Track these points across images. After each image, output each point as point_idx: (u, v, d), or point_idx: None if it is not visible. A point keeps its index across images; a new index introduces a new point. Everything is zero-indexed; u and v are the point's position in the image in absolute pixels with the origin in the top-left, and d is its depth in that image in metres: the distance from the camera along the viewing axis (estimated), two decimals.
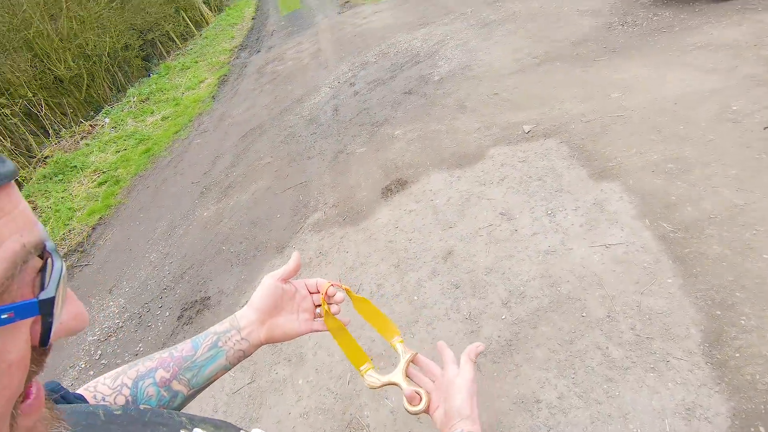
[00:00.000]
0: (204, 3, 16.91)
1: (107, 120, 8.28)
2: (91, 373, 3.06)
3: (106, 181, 5.95)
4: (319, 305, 0.74)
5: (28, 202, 5.74)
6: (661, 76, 3.36)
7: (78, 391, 0.60)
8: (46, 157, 7.27)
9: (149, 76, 10.96)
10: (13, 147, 7.57)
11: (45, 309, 0.30)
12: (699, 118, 2.83)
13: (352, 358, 0.73)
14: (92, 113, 9.29)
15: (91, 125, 8.31)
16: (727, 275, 1.98)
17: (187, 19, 14.94)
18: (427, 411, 0.68)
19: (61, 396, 0.53)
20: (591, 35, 4.42)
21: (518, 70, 4.31)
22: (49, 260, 0.31)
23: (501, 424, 1.82)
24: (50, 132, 8.11)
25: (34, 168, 7.06)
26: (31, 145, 7.76)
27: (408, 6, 8.20)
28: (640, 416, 1.66)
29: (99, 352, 3.21)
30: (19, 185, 6.04)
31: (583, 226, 2.49)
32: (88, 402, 0.57)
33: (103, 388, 0.60)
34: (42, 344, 0.31)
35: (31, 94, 8.11)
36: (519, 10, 5.81)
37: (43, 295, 0.30)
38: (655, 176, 2.58)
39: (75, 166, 6.56)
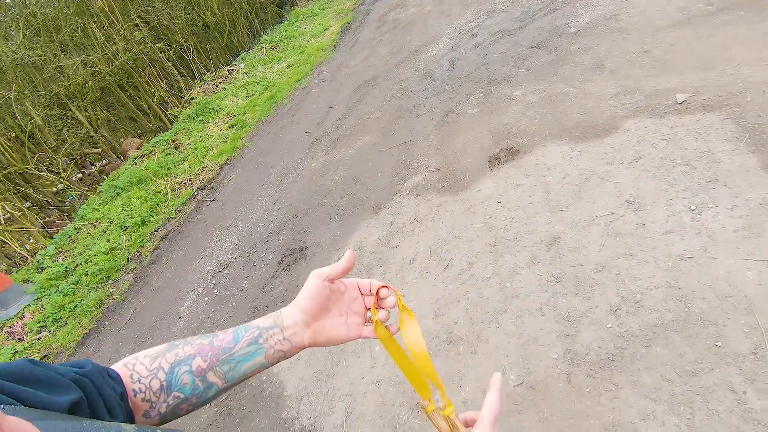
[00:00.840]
0: None
1: (242, 65, 8.97)
2: (206, 299, 3.49)
3: (235, 124, 6.51)
4: (370, 308, 0.67)
5: (175, 138, 6.59)
6: None
7: (118, 366, 0.60)
8: (192, 99, 8.21)
9: (281, 22, 11.49)
10: (168, 88, 8.67)
11: None
12: None
13: (414, 382, 0.60)
14: (231, 59, 10.13)
15: (228, 70, 9.09)
16: None
17: None
18: None
19: (82, 374, 0.51)
20: None
21: (683, 21, 3.47)
22: None
23: None
24: (196, 75, 9.07)
25: (182, 108, 8.02)
26: (181, 86, 8.81)
27: None
28: None
29: (213, 282, 3.64)
30: (171, 122, 6.93)
31: (739, 232, 1.97)
32: (122, 380, 0.57)
33: (141, 369, 0.59)
34: None
35: (183, 40, 9.08)
36: None
37: None
38: None
39: (212, 109, 7.29)
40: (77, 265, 4.80)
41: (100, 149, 8.17)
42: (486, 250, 2.57)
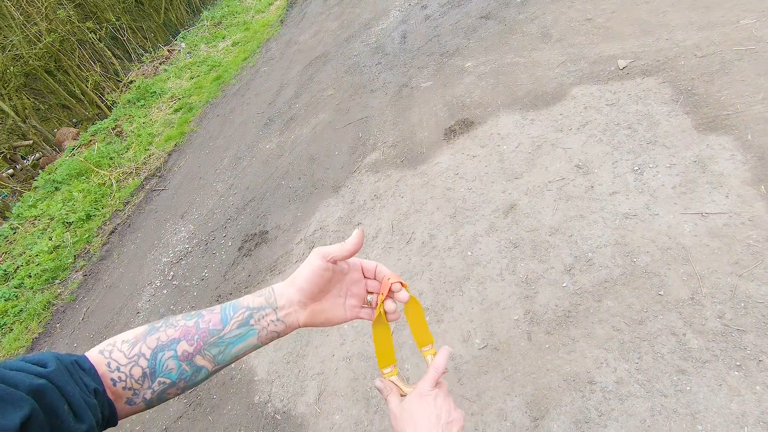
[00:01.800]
0: None
1: (183, 45, 8.45)
2: (165, 291, 3.37)
3: (181, 108, 6.18)
4: (372, 293, 0.66)
5: (116, 126, 6.18)
6: None
7: (93, 353, 0.56)
8: (130, 82, 7.68)
9: None
10: (102, 71, 8.05)
11: None
12: None
13: (381, 356, 0.68)
14: (170, 37, 9.52)
15: (169, 50, 8.54)
16: None
17: None
18: None
19: (43, 377, 0.47)
20: None
21: None
22: None
23: (546, 400, 1.71)
24: (133, 57, 8.48)
25: (121, 92, 7.50)
26: (117, 69, 8.21)
27: None
28: (713, 418, 1.46)
29: (171, 273, 3.51)
30: (109, 109, 6.47)
31: (677, 188, 2.11)
32: (97, 370, 0.53)
33: (119, 356, 0.55)
34: None
35: (114, 18, 8.41)
36: None
37: None
38: None
39: (155, 92, 6.87)
40: (18, 267, 4.47)
41: (31, 141, 7.53)
42: (446, 221, 2.62)
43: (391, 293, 0.64)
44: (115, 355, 0.55)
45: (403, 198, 2.94)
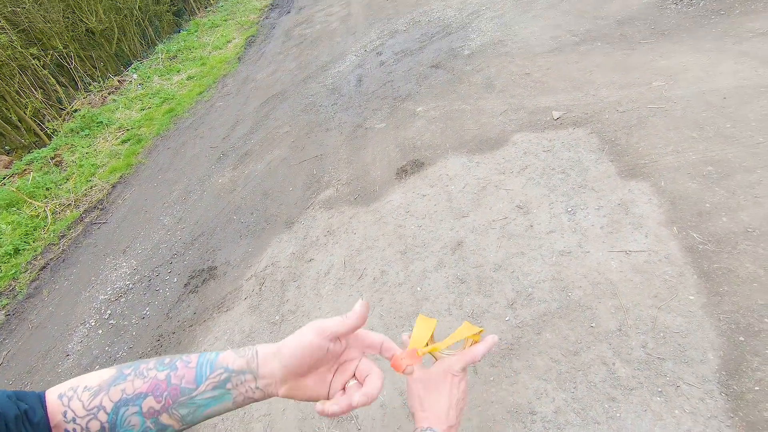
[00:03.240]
0: None
1: (135, 76, 8.30)
2: (100, 332, 3.15)
3: (129, 139, 6.00)
4: (356, 378, 0.59)
5: (55, 155, 5.88)
6: (712, 65, 3.04)
7: (52, 395, 0.52)
8: (74, 111, 7.38)
9: (179, 32, 10.86)
10: (44, 99, 7.69)
11: None
12: (750, 116, 2.55)
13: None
14: (122, 68, 9.32)
15: (119, 80, 8.34)
16: (757, 298, 1.80)
17: None
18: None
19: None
20: (640, 13, 4.03)
21: (555, 49, 4.00)
22: None
23: None
24: (80, 85, 8.19)
25: (63, 121, 7.18)
26: (61, 97, 7.88)
27: None
28: None
29: (108, 312, 3.30)
30: (48, 137, 6.15)
31: (604, 228, 2.32)
32: (49, 422, 0.50)
33: (77, 406, 0.51)
34: None
35: (62, 46, 8.16)
36: None
37: None
38: (691, 179, 2.36)
39: (101, 122, 6.63)
40: None
41: None
42: (397, 257, 2.70)
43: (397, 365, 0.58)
44: (74, 404, 0.52)
45: (356, 234, 3.00)
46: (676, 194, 2.32)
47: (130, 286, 3.47)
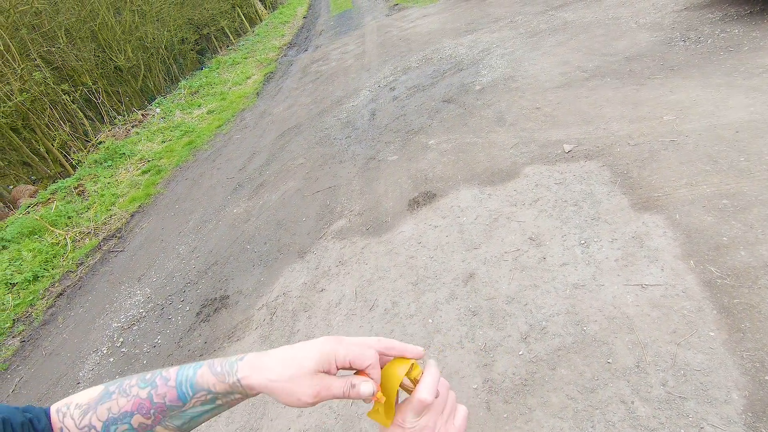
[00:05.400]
0: (259, 0, 17.40)
1: (158, 110, 8.65)
2: (112, 359, 3.16)
3: (149, 170, 6.19)
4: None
5: (78, 185, 6.08)
6: (722, 100, 3.06)
7: (54, 410, 0.55)
8: (99, 143, 7.68)
9: (201, 69, 11.37)
10: (71, 131, 8.05)
11: None
12: (764, 150, 2.54)
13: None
14: (146, 103, 9.74)
15: (143, 114, 8.70)
16: None
17: (242, 16, 15.42)
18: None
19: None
20: (648, 50, 4.11)
21: (564, 84, 4.08)
22: None
23: None
24: (106, 119, 8.56)
25: (88, 152, 7.46)
26: (87, 130, 8.22)
27: (457, 11, 8.03)
28: None
29: (121, 339, 3.31)
30: (73, 168, 6.39)
31: (619, 261, 2.29)
32: (52, 430, 0.52)
33: (70, 423, 0.53)
34: None
35: (91, 82, 8.59)
36: (572, 20, 5.53)
37: None
38: (706, 212, 2.34)
39: (124, 154, 6.88)
40: None
41: None
42: (409, 288, 2.68)
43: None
44: (67, 421, 0.53)
45: (368, 265, 3.00)
46: (691, 227, 2.29)
47: (144, 314, 3.50)
